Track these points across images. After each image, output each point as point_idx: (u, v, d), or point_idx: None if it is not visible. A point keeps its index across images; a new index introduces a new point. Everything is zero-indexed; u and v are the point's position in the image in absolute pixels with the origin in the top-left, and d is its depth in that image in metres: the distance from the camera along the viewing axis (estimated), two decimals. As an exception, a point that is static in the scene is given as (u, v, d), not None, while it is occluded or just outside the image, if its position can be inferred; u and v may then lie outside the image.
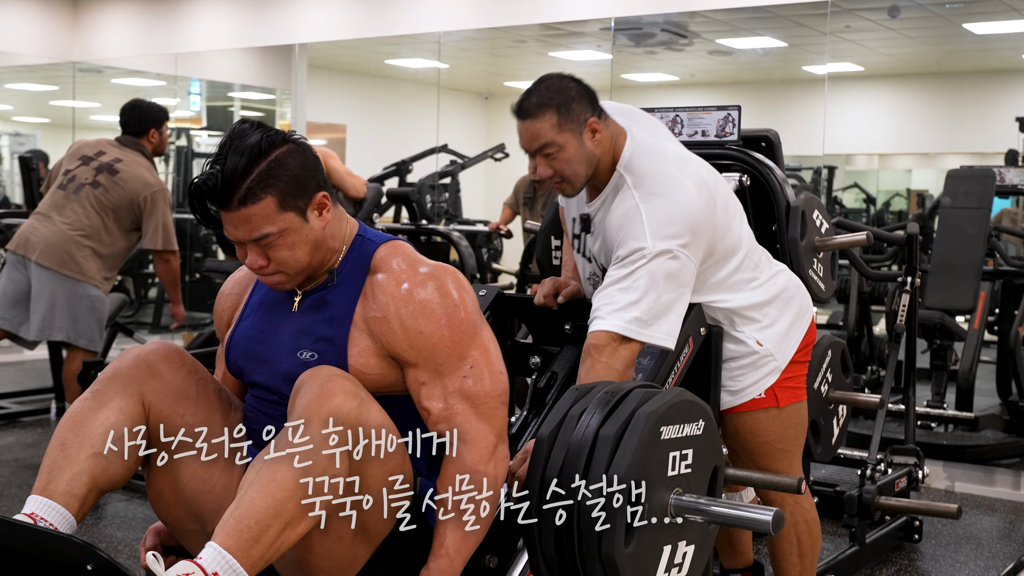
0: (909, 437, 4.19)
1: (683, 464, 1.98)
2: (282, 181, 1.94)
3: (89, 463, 1.94)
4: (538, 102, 2.40)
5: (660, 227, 2.36)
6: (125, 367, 2.02)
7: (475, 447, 1.97)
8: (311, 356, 2.02)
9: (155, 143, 5.18)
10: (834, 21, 6.87)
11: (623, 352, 2.32)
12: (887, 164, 12.15)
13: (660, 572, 1.97)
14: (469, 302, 2.02)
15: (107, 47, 9.88)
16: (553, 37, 8.51)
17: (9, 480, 4.74)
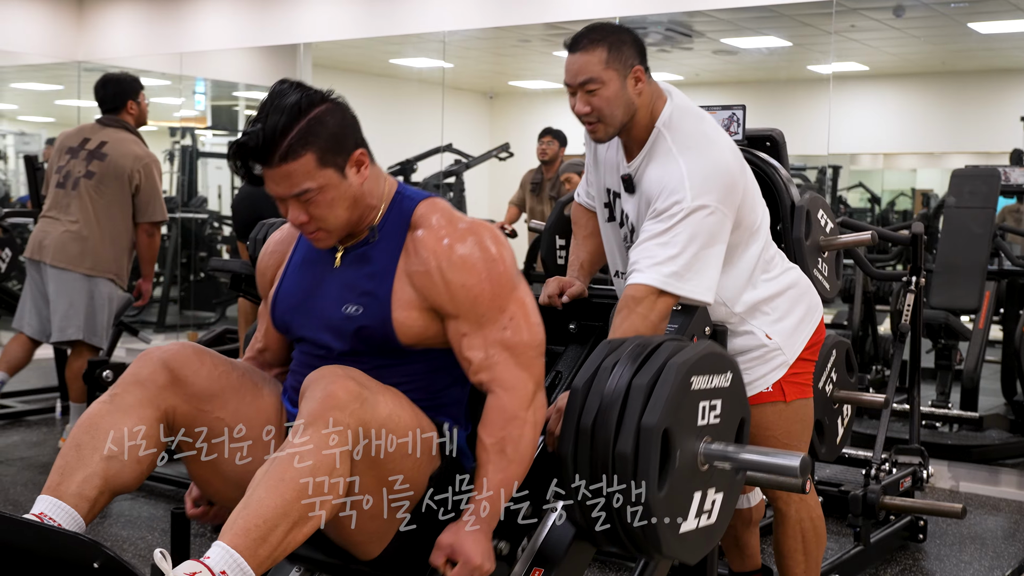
0: (914, 437, 4.19)
1: (712, 414, 2.05)
2: (321, 139, 1.98)
3: (102, 465, 1.95)
4: (592, 38, 2.44)
5: (699, 182, 2.39)
6: (145, 372, 2.04)
7: (515, 394, 2.03)
8: (356, 310, 2.07)
9: (135, 114, 5.19)
10: (839, 20, 6.87)
11: (660, 305, 2.36)
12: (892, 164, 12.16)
13: (691, 516, 2.03)
14: (507, 257, 2.08)
15: (112, 46, 9.89)
16: (558, 36, 8.51)
17: (15, 479, 4.75)
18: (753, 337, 2.63)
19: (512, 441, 2.02)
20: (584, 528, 2.08)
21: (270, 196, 2.05)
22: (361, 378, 1.94)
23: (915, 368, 4.26)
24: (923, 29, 8.27)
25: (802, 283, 2.74)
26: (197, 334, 7.98)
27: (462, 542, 1.99)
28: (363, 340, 2.07)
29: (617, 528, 2.01)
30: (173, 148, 9.91)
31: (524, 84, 11.11)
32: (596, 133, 2.52)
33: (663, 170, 2.44)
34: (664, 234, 2.38)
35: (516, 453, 2.02)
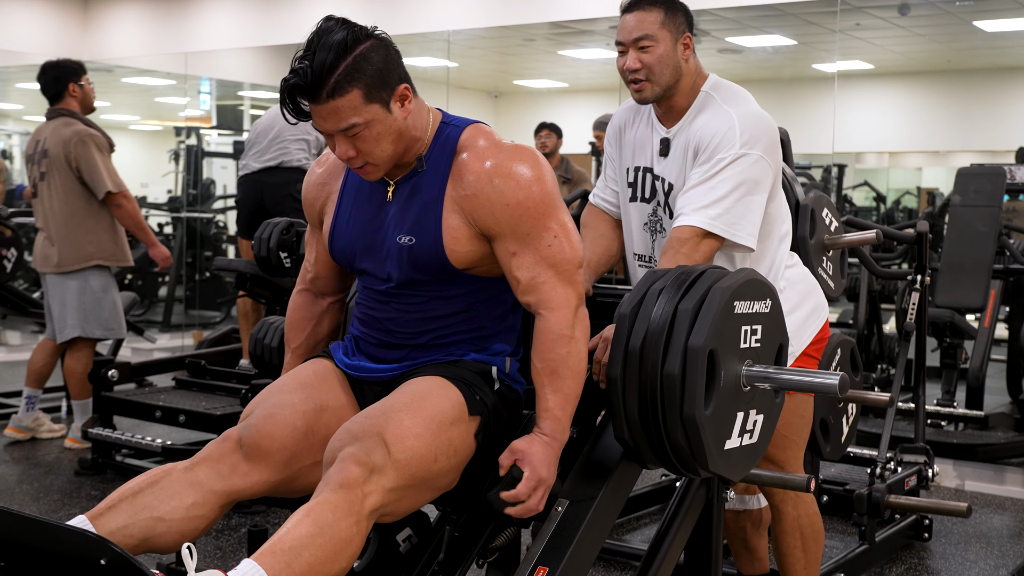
0: (919, 435, 4.19)
1: (753, 338, 2.13)
2: (367, 75, 2.03)
3: (149, 524, 1.99)
4: (651, 0, 2.55)
5: (749, 129, 2.49)
6: (226, 460, 2.10)
7: (560, 312, 2.12)
8: (409, 240, 2.15)
9: (78, 97, 5.20)
10: (844, 19, 6.87)
11: (704, 247, 2.44)
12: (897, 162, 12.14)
13: (734, 435, 2.11)
14: (548, 177, 2.14)
15: (117, 46, 9.91)
16: (562, 36, 8.52)
17: (20, 478, 4.76)
18: None
19: (562, 360, 2.10)
20: (632, 447, 2.15)
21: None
22: (368, 440, 1.96)
23: (920, 367, 4.25)
24: (928, 27, 8.26)
25: (809, 280, 2.79)
26: (202, 333, 7.99)
27: (534, 452, 2.08)
28: (419, 268, 2.16)
29: (665, 446, 2.08)
30: (178, 147, 9.92)
31: (529, 83, 11.11)
32: (643, 92, 2.59)
33: (714, 120, 2.54)
34: (711, 179, 2.47)
35: (568, 370, 2.11)
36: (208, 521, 2.07)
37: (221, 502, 2.07)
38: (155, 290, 9.51)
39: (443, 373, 2.15)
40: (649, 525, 4.27)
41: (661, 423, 2.06)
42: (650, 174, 2.68)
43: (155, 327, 8.79)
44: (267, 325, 3.60)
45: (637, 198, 2.72)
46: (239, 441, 2.10)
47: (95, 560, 1.71)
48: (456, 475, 2.12)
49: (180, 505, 2.02)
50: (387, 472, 1.95)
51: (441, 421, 2.06)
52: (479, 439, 2.13)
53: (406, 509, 2.04)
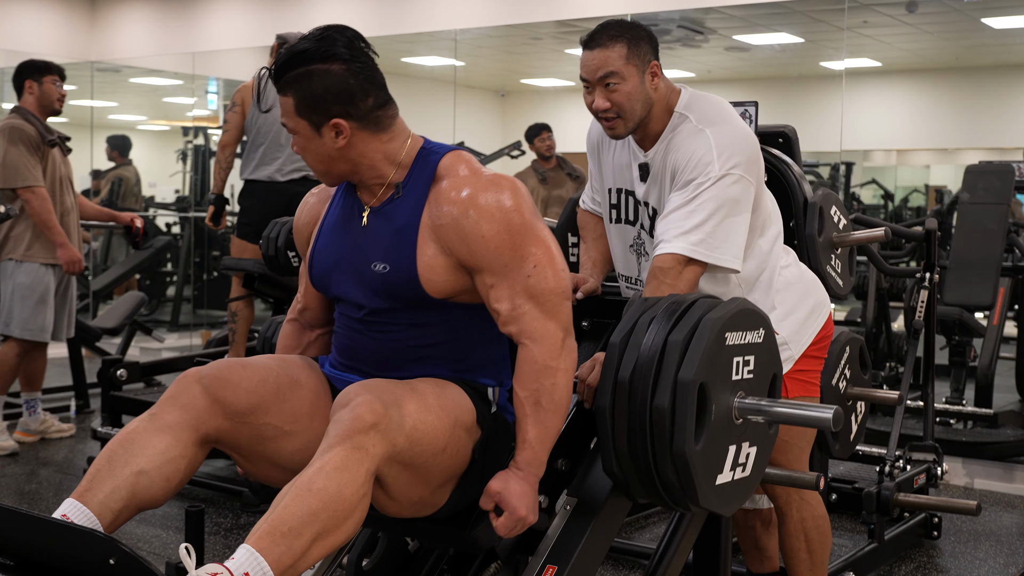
0: (928, 434, 4.18)
1: (746, 369, 2.09)
2: (303, 91, 2.05)
3: (131, 480, 1.98)
4: (611, 34, 2.47)
5: (726, 149, 2.42)
6: (185, 397, 2.07)
7: (544, 344, 2.06)
8: (384, 267, 2.11)
9: (35, 95, 5.17)
10: (851, 16, 6.86)
11: (687, 274, 2.39)
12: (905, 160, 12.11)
13: (726, 469, 2.07)
14: (526, 207, 2.08)
15: (125, 47, 9.93)
16: (569, 34, 8.51)
17: (29, 477, 4.77)
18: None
19: (546, 392, 2.05)
20: (621, 481, 2.12)
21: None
22: (386, 395, 1.96)
23: (929, 365, 4.24)
24: (936, 24, 8.24)
25: (808, 278, 2.75)
26: (210, 333, 8.00)
27: (509, 492, 2.04)
28: (395, 296, 2.11)
29: (655, 480, 2.05)
30: (186, 147, 9.94)
31: (536, 82, 11.10)
32: (615, 129, 2.52)
33: (691, 142, 2.47)
34: (690, 203, 2.41)
35: (551, 403, 2.06)
36: (187, 461, 2.03)
37: (193, 439, 2.04)
38: (163, 289, 9.53)
39: (451, 380, 2.13)
40: (658, 523, 4.27)
41: (651, 457, 2.02)
42: (632, 197, 2.64)
43: (163, 326, 8.81)
44: (275, 324, 3.62)
45: (621, 220, 2.69)
46: (199, 377, 2.08)
47: (104, 560, 1.71)
48: (449, 487, 2.08)
49: (154, 452, 1.99)
50: (398, 434, 1.92)
51: (457, 417, 2.05)
52: (475, 455, 2.09)
53: (399, 492, 1.99)
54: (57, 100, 5.25)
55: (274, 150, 5.24)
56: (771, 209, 2.65)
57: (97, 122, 10.37)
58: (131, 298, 6.74)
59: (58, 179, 5.21)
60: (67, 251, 5.11)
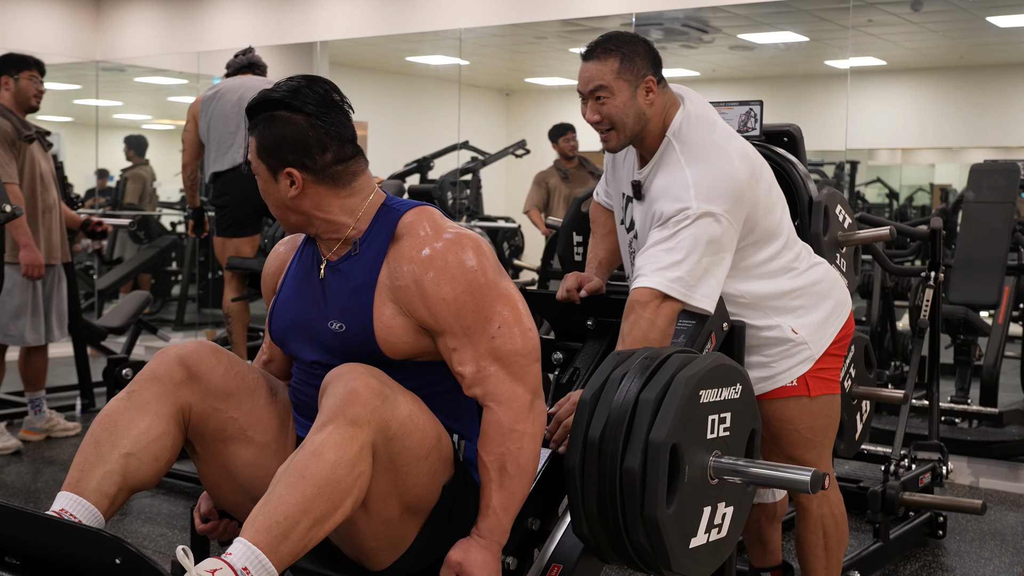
0: (933, 433, 4.18)
1: (722, 427, 2.03)
2: (263, 136, 2.04)
3: (121, 462, 1.98)
4: (605, 48, 2.48)
5: (705, 190, 2.41)
6: (162, 369, 2.07)
7: (511, 407, 2.00)
8: (340, 327, 2.06)
9: (11, 91, 5.10)
10: (856, 15, 6.84)
11: (664, 310, 2.37)
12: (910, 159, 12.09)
13: (700, 532, 2.01)
14: (489, 266, 2.03)
15: (130, 46, 9.93)
16: (574, 33, 8.50)
17: (35, 476, 4.78)
18: (779, 331, 2.64)
19: (511, 457, 1.99)
20: (592, 543, 2.07)
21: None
22: (382, 376, 1.94)
23: (934, 364, 4.24)
24: (941, 23, 8.22)
25: (829, 278, 2.76)
26: (215, 332, 8.01)
27: (470, 562, 1.98)
28: (351, 356, 2.04)
29: (625, 544, 1.99)
30: (191, 146, 9.93)
31: (540, 81, 11.09)
32: (609, 142, 2.54)
33: (669, 179, 2.47)
34: (669, 240, 2.40)
35: (517, 468, 2.00)
36: (172, 437, 2.04)
37: (170, 412, 2.04)
38: (168, 288, 9.53)
39: None
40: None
41: (621, 521, 1.96)
42: (630, 205, 2.66)
43: (168, 325, 8.82)
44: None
45: (624, 223, 2.71)
46: (178, 349, 2.08)
47: (110, 559, 1.71)
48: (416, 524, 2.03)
49: (139, 432, 2.00)
50: (392, 416, 1.89)
51: (439, 440, 2.01)
52: (444, 494, 2.04)
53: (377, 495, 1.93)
54: (34, 96, 5.17)
55: (227, 137, 5.13)
56: (775, 221, 2.62)
57: (102, 121, 10.38)
58: (136, 297, 6.75)
59: (38, 175, 5.11)
60: (30, 252, 4.94)
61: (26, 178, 5.04)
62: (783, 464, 2.23)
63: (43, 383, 5.40)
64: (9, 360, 5.56)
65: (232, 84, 5.19)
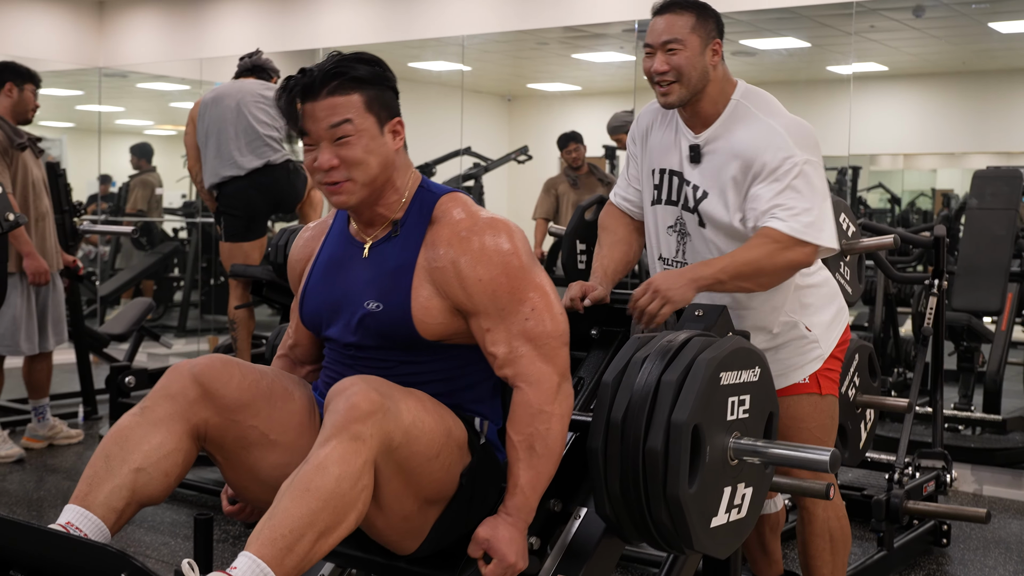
0: (937, 440, 4.17)
1: (741, 409, 2.07)
2: (372, 87, 2.04)
3: (130, 477, 1.97)
4: (681, 3, 2.56)
5: (801, 139, 2.50)
6: (176, 386, 2.06)
7: (540, 388, 2.04)
8: (377, 307, 2.09)
9: (12, 99, 5.09)
10: (858, 21, 6.84)
11: (792, 254, 2.44)
12: (912, 164, 12.09)
13: (721, 512, 2.04)
14: (523, 250, 2.08)
15: (132, 52, 9.95)
16: (576, 39, 8.51)
17: (38, 484, 4.78)
18: (795, 327, 2.68)
19: (540, 437, 2.03)
20: (614, 523, 2.10)
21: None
22: (383, 388, 1.94)
23: (938, 371, 4.24)
24: (943, 29, 8.23)
25: (831, 282, 2.80)
26: (217, 339, 8.01)
27: (498, 539, 2.01)
28: (386, 336, 2.09)
29: (648, 523, 2.02)
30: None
31: (542, 87, 11.10)
32: (669, 95, 2.57)
33: (756, 132, 2.52)
34: (787, 189, 2.45)
35: (545, 448, 2.03)
36: (183, 453, 2.03)
37: (184, 429, 2.03)
38: (170, 295, 9.54)
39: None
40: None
41: (644, 501, 1.99)
42: (677, 178, 2.66)
43: (171, 332, 8.83)
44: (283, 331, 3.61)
45: (662, 200, 2.70)
46: (190, 366, 2.07)
47: (115, 574, 1.71)
48: (435, 512, 2.05)
49: (150, 448, 1.99)
50: (395, 426, 1.90)
51: (451, 429, 2.04)
52: (463, 482, 2.06)
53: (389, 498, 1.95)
54: (31, 110, 5.19)
55: (225, 143, 5.03)
56: None
57: (104, 127, 10.39)
58: (138, 304, 6.75)
59: (30, 183, 5.09)
60: (34, 261, 4.96)
61: (19, 186, 5.02)
62: (801, 444, 2.26)
63: (47, 391, 5.40)
64: (12, 367, 5.56)
65: (231, 89, 5.14)
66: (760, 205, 2.48)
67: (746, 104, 2.58)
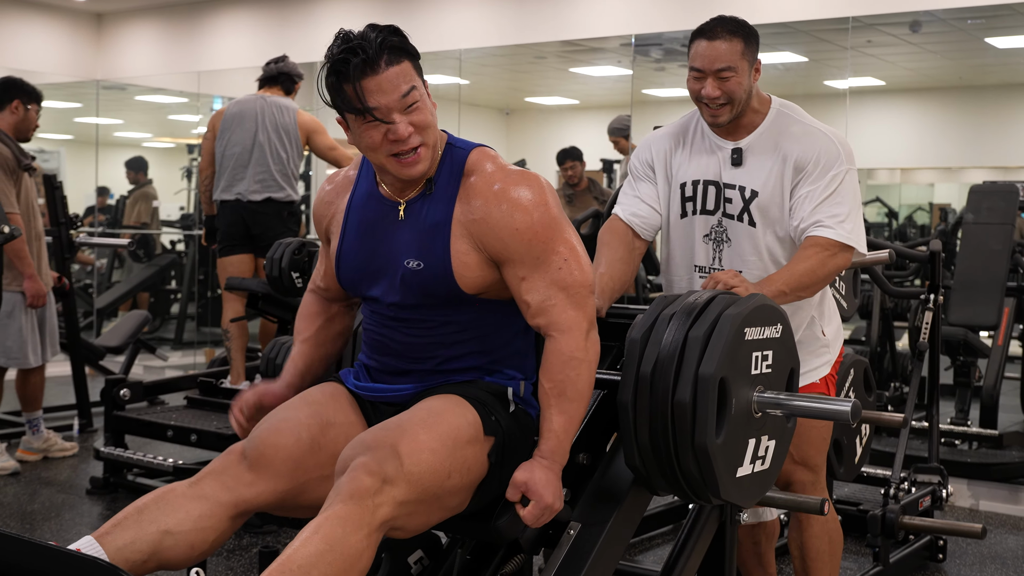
0: (933, 455, 4.16)
1: (764, 364, 2.14)
2: (412, 54, 2.13)
3: (156, 537, 1.98)
4: (731, 29, 2.63)
5: (845, 148, 2.64)
6: (228, 472, 2.09)
7: (571, 335, 2.11)
8: (417, 265, 2.14)
9: (17, 116, 5.12)
10: (855, 36, 6.86)
11: (838, 259, 2.56)
12: (909, 178, 12.12)
13: (746, 463, 2.12)
14: (553, 202, 2.14)
15: (131, 65, 9.97)
16: (574, 53, 8.53)
17: (32, 497, 4.76)
18: (815, 328, 2.78)
19: (571, 382, 2.09)
20: (643, 474, 2.15)
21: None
22: (382, 450, 1.95)
23: (934, 386, 4.23)
24: (940, 44, 8.25)
25: (831, 296, 2.90)
26: (214, 351, 8.00)
27: (535, 481, 2.06)
28: (428, 293, 2.14)
29: (676, 473, 2.08)
30: (191, 165, 9.96)
31: (540, 100, 11.12)
32: (720, 117, 2.66)
33: (805, 135, 2.65)
34: (833, 195, 2.58)
35: (576, 393, 2.10)
36: (217, 533, 2.04)
37: (229, 513, 2.06)
38: (167, 307, 9.53)
39: (459, 392, 2.14)
40: (662, 546, 4.25)
41: (672, 451, 2.06)
42: (714, 187, 2.72)
43: (167, 344, 8.81)
44: (278, 345, 3.61)
45: (697, 211, 2.75)
46: (243, 452, 2.10)
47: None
48: (468, 495, 2.11)
49: (187, 518, 2.00)
50: (399, 484, 1.93)
51: (457, 438, 2.06)
52: (492, 460, 2.12)
53: (416, 526, 2.02)
54: (32, 129, 5.22)
55: (239, 170, 5.29)
56: None
57: (102, 139, 10.40)
58: (135, 316, 6.75)
59: (30, 204, 5.12)
60: (34, 283, 5.00)
61: (22, 206, 5.04)
62: (823, 396, 2.35)
63: (40, 403, 5.39)
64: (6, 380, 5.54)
65: (253, 108, 5.32)
66: (807, 208, 2.59)
67: (787, 112, 2.71)
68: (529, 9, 7.79)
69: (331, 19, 8.44)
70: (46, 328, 5.23)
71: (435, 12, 8.30)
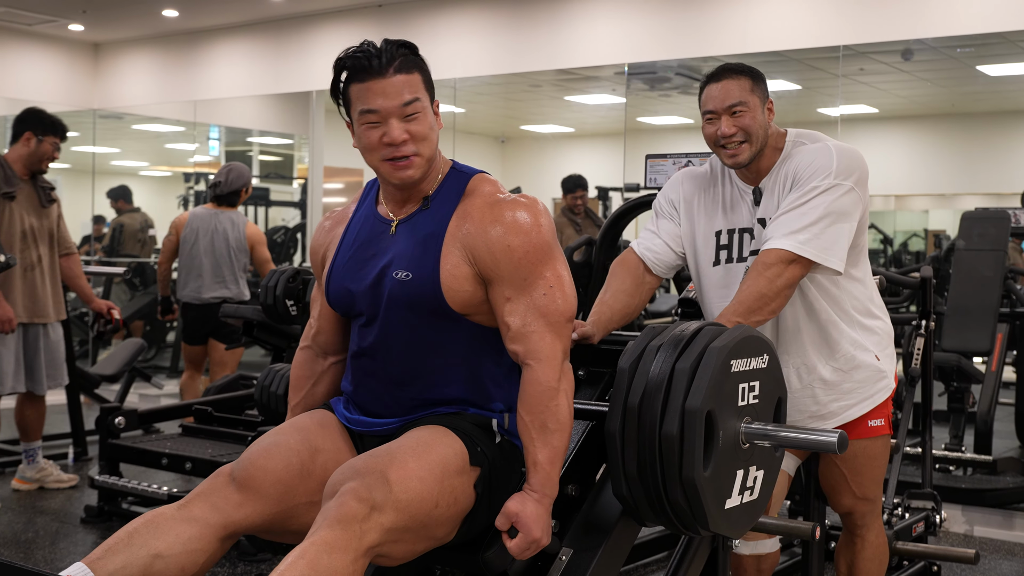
0: (926, 481, 4.17)
1: (751, 395, 2.14)
2: (424, 70, 2.17)
3: (146, 561, 1.98)
4: (736, 70, 2.69)
5: (845, 162, 2.60)
6: (217, 493, 2.10)
7: (549, 365, 2.13)
8: (405, 276, 2.16)
9: (30, 149, 5.11)
10: (847, 64, 6.92)
11: (789, 272, 2.51)
12: (904, 205, 12.17)
13: (734, 494, 2.12)
14: (548, 226, 2.17)
15: (127, 94, 10.01)
16: (569, 82, 8.58)
17: (26, 526, 4.75)
18: (868, 354, 2.76)
19: (551, 413, 2.11)
20: (631, 505, 2.16)
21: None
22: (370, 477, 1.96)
23: (927, 411, 4.24)
24: (932, 72, 8.31)
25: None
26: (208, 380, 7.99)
27: (526, 514, 2.08)
28: (413, 307, 2.16)
29: (664, 505, 2.09)
30: (188, 193, 9.99)
31: (535, 128, 11.18)
32: (739, 156, 2.66)
33: (812, 153, 2.64)
34: (802, 206, 2.55)
35: (557, 424, 2.11)
36: (207, 555, 2.05)
37: (218, 535, 2.06)
38: (163, 335, 9.53)
39: (445, 423, 2.15)
40: (655, 572, 4.25)
41: (660, 483, 2.07)
42: (748, 234, 2.73)
43: (162, 372, 8.81)
44: (273, 373, 3.62)
45: (732, 259, 2.76)
46: (231, 474, 2.10)
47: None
48: (455, 526, 2.12)
49: (177, 540, 2.00)
50: (387, 511, 1.94)
51: (445, 468, 2.07)
52: (479, 490, 2.13)
53: (403, 554, 2.03)
54: (46, 161, 5.18)
55: (195, 276, 6.26)
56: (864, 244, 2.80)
57: (99, 168, 10.43)
58: (130, 344, 6.75)
59: (17, 232, 5.07)
60: (1, 308, 4.93)
61: (3, 235, 5.01)
62: (806, 427, 2.37)
63: (39, 434, 5.38)
64: (6, 408, 5.55)
65: (210, 224, 6.26)
66: (774, 218, 2.58)
67: (801, 140, 2.71)
68: (524, 38, 7.84)
69: (326, 48, 8.48)
70: (38, 362, 5.21)
71: (431, 41, 8.35)
